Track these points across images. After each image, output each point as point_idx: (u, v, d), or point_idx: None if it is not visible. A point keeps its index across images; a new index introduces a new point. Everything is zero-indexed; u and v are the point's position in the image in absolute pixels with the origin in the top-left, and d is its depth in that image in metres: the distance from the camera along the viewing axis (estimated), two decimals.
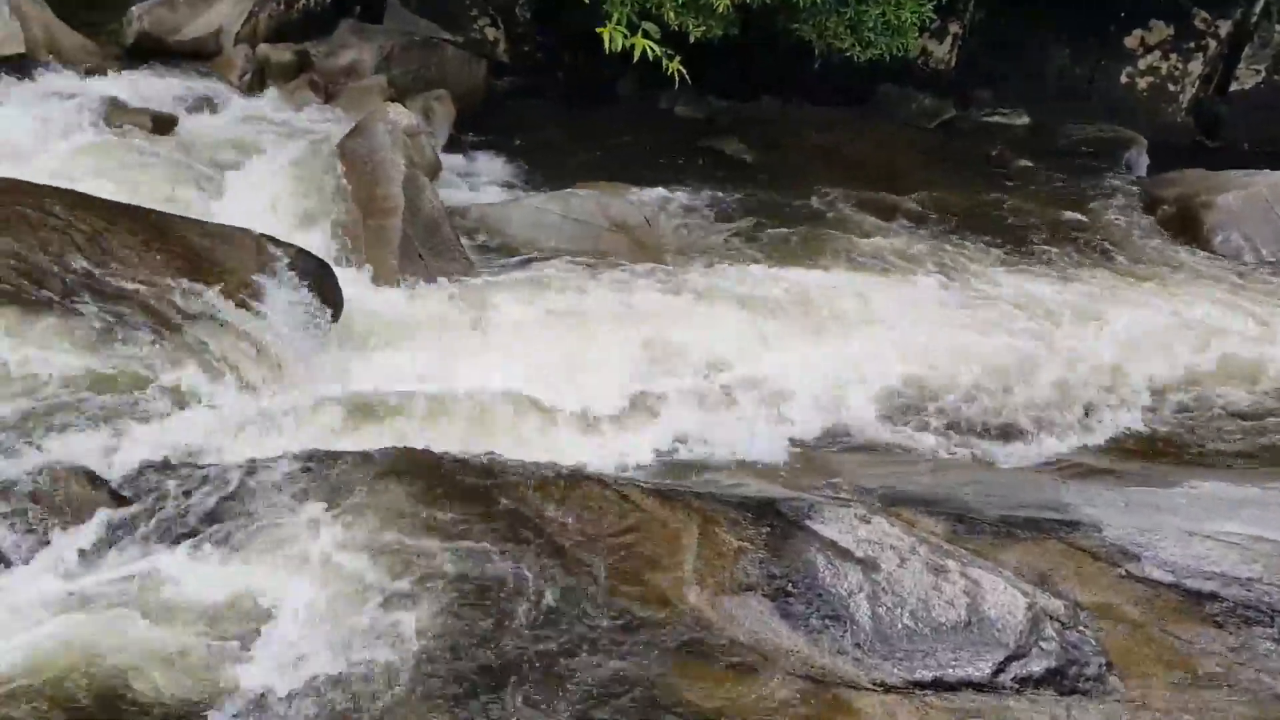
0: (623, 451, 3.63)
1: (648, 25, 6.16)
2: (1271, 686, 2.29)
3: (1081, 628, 2.47)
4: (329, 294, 3.96)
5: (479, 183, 6.49)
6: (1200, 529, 2.83)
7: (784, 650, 2.39)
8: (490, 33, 8.61)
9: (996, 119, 8.55)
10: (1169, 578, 2.61)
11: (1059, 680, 2.34)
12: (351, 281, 4.33)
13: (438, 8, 8.17)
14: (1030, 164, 7.62)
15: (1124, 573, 2.66)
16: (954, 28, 8.68)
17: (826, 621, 2.45)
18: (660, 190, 6.47)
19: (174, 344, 3.28)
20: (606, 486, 2.87)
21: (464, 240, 5.31)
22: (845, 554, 2.62)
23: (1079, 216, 6.66)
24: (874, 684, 2.32)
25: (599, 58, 6.20)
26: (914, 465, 3.87)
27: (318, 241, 4.59)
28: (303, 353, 3.64)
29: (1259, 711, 2.25)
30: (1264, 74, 8.74)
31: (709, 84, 8.02)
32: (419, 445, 3.04)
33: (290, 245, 4.04)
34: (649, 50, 5.86)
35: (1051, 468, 3.88)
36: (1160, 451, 4.14)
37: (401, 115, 5.61)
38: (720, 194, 6.61)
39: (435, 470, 2.84)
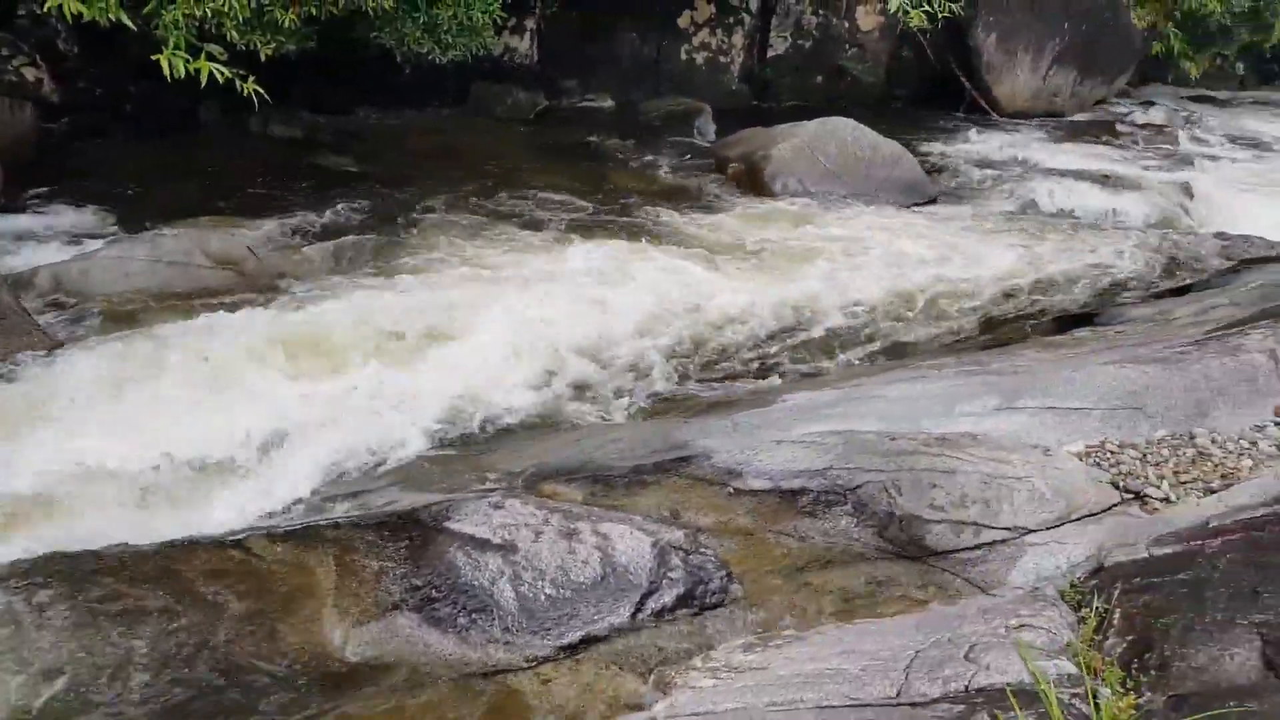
0: (255, 500, 3.40)
1: (211, 47, 5.71)
2: (851, 548, 2.69)
3: (703, 550, 2.70)
4: None
5: (47, 241, 5.70)
6: (788, 435, 3.22)
7: (437, 657, 2.36)
8: (30, 73, 7.53)
9: (585, 104, 9.11)
10: (767, 484, 2.92)
11: (690, 602, 2.54)
12: None
13: None
14: (619, 141, 8.22)
15: (732, 490, 2.94)
16: (530, 23, 9.06)
17: (474, 616, 2.45)
18: (265, 216, 6.09)
19: None
20: (223, 548, 2.66)
21: (36, 309, 4.65)
22: (484, 544, 2.64)
23: (662, 183, 7.32)
24: (528, 661, 2.36)
25: (168, 85, 5.69)
26: (559, 437, 4.02)
27: None
28: None
29: (848, 577, 2.61)
30: (790, 39, 10.15)
31: (301, 100, 7.72)
32: None
33: None
34: (217, 73, 5.45)
35: (675, 410, 4.22)
36: (757, 372, 4.66)
37: None
38: (329, 211, 6.35)
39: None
